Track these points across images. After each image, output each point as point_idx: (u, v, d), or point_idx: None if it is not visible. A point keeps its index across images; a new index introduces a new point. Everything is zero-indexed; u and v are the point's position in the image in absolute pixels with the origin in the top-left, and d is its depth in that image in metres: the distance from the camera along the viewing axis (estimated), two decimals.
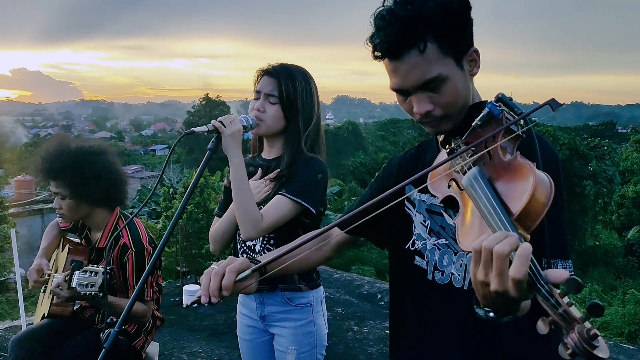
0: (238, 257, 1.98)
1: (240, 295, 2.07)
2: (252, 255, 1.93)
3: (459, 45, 1.15)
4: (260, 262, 1.20)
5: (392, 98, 1.25)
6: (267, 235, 1.91)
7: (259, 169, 1.98)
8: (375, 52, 1.15)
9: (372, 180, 1.53)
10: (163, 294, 2.73)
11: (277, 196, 1.84)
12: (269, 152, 2.00)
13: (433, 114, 1.17)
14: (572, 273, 1.02)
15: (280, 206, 1.82)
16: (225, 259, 1.21)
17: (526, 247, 0.81)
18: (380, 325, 4.78)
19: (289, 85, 1.87)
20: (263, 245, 1.93)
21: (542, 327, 0.77)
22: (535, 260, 0.81)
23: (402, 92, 1.18)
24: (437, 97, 1.15)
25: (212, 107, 48.34)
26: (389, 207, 1.06)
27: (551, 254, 1.06)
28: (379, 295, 5.51)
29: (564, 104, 1.01)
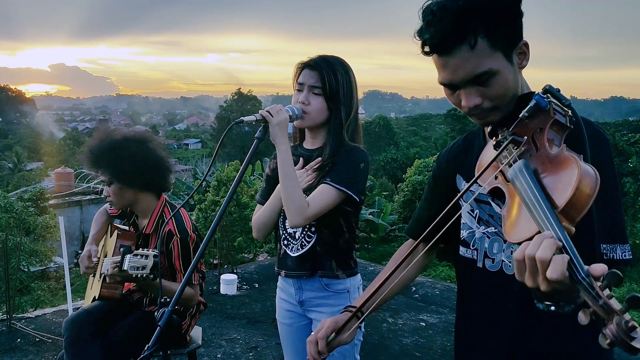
0: (279, 243, 2.05)
1: (279, 280, 2.13)
2: (292, 242, 1.98)
3: (509, 39, 1.14)
4: (355, 307, 1.39)
5: (424, 93, 1.24)
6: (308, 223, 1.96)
7: (301, 158, 2.01)
8: (425, 48, 1.14)
9: (428, 180, 1.54)
10: None
11: (322, 185, 1.88)
12: (311, 142, 2.03)
13: (482, 107, 1.17)
14: (631, 257, 1.04)
15: (326, 194, 1.86)
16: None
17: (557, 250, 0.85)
18: (414, 317, 4.80)
19: (331, 76, 1.90)
20: (304, 233, 1.97)
21: (582, 318, 0.80)
22: (577, 254, 0.84)
23: (451, 86, 1.18)
24: (486, 90, 1.15)
25: (244, 102, 48.74)
26: (454, 209, 1.10)
27: (610, 239, 1.07)
28: (413, 288, 5.52)
29: None
